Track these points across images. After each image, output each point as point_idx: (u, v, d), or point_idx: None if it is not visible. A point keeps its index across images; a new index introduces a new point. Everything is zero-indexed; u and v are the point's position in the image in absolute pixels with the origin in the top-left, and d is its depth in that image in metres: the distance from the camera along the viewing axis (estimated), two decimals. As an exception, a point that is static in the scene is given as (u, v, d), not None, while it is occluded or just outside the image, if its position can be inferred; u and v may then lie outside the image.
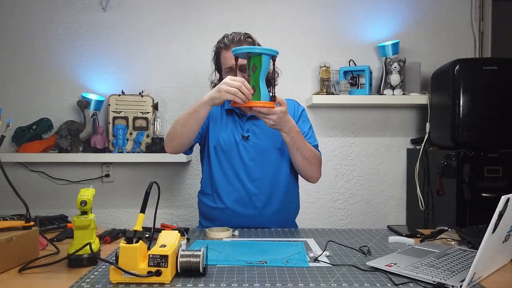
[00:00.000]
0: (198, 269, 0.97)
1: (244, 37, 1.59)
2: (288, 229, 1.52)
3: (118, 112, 2.32)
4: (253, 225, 1.56)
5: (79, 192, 1.06)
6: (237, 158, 1.59)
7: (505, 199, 0.88)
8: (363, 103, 2.36)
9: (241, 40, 1.58)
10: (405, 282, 0.96)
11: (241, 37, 1.58)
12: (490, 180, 1.90)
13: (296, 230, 1.52)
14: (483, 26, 2.49)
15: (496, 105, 1.98)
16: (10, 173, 1.12)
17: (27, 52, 2.43)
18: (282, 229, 1.53)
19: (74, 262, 1.05)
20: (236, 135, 1.61)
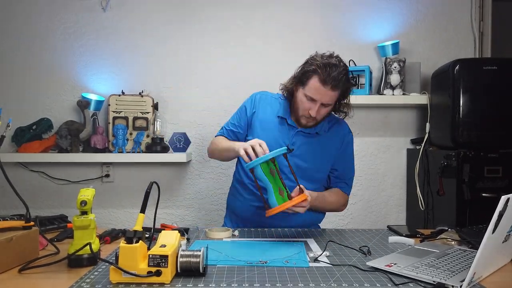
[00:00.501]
0: (198, 269, 0.98)
1: (344, 79, 1.47)
2: (288, 229, 1.52)
3: (118, 112, 2.32)
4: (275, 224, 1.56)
5: (79, 192, 1.07)
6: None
7: (505, 199, 0.88)
8: (363, 103, 2.36)
9: (340, 83, 1.45)
10: (405, 282, 0.96)
11: (342, 79, 1.46)
12: (490, 180, 1.90)
13: (296, 230, 1.52)
14: (483, 26, 2.49)
15: (496, 105, 1.98)
16: (10, 173, 1.12)
17: (27, 52, 2.43)
18: (282, 229, 1.53)
19: (74, 262, 1.05)
20: (282, 144, 1.56)
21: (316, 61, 1.47)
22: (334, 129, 1.65)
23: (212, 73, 2.46)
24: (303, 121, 1.56)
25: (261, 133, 1.59)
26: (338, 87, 1.46)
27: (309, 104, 1.50)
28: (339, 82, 1.45)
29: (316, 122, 1.57)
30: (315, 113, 1.49)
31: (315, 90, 1.46)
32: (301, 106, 1.53)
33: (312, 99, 1.48)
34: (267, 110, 1.64)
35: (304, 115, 1.54)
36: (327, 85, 1.44)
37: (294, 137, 1.59)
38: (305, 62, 1.54)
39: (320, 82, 1.45)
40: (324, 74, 1.43)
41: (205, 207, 2.49)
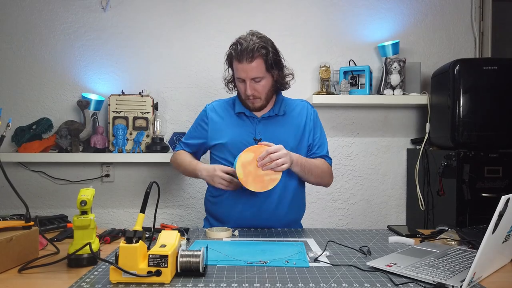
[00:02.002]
0: (198, 269, 0.97)
1: (257, 47, 1.48)
2: (288, 229, 1.52)
3: (118, 112, 2.32)
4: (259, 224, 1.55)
5: (79, 192, 1.07)
6: None
7: (505, 199, 0.88)
8: (363, 103, 2.36)
9: (254, 51, 1.48)
10: (405, 282, 0.96)
11: (254, 48, 1.48)
12: (490, 180, 1.90)
13: (296, 230, 1.52)
14: (483, 26, 2.49)
15: (496, 105, 1.98)
16: (10, 173, 1.12)
17: (27, 52, 2.43)
18: (282, 229, 1.53)
19: (74, 262, 1.05)
20: (247, 137, 1.58)
21: (231, 44, 1.56)
22: (295, 108, 1.68)
23: (212, 73, 2.46)
24: (249, 104, 1.59)
25: (225, 135, 1.61)
26: (254, 57, 1.49)
27: (242, 85, 1.55)
28: (253, 52, 1.48)
29: (262, 101, 1.58)
30: (250, 91, 1.53)
31: (238, 70, 1.53)
32: (240, 91, 1.60)
33: (242, 80, 1.54)
34: (221, 113, 1.66)
35: (246, 98, 1.57)
36: (243, 59, 1.49)
37: (258, 126, 1.60)
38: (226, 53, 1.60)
39: (237, 61, 1.51)
40: (237, 51, 1.50)
41: (205, 207, 2.49)
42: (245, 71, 1.51)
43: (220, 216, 1.63)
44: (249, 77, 1.52)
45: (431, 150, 2.23)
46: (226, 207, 1.60)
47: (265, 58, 1.52)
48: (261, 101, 1.58)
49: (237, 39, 1.54)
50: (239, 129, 1.61)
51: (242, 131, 1.61)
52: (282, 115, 1.63)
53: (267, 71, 1.54)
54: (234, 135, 1.60)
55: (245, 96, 1.56)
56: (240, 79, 1.55)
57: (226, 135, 1.61)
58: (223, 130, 1.62)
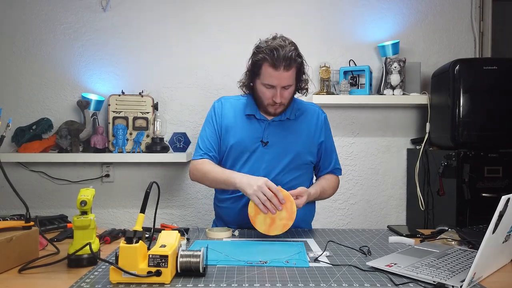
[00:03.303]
0: (198, 269, 0.97)
1: (294, 55, 1.46)
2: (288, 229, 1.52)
3: (118, 112, 2.31)
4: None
5: (79, 192, 1.06)
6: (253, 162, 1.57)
7: (505, 199, 0.88)
8: (363, 103, 2.36)
9: (291, 61, 1.45)
10: (405, 282, 0.96)
11: (292, 57, 1.45)
12: (490, 180, 1.90)
13: (296, 230, 1.52)
14: (483, 26, 2.49)
15: (496, 105, 1.98)
16: (10, 173, 1.12)
17: (27, 52, 2.43)
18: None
19: (74, 262, 1.05)
20: (255, 140, 1.57)
21: (262, 48, 1.47)
22: (305, 112, 1.66)
23: (212, 73, 2.46)
24: (271, 110, 1.57)
25: (233, 137, 1.59)
26: (291, 66, 1.46)
27: (270, 91, 1.51)
28: (290, 61, 1.45)
29: (284, 107, 1.58)
30: (279, 98, 1.50)
31: (270, 77, 1.47)
32: (264, 96, 1.53)
33: (271, 86, 1.49)
34: (231, 113, 1.63)
35: (269, 104, 1.54)
36: (279, 67, 1.44)
37: (266, 129, 1.59)
38: (253, 53, 1.53)
39: (272, 67, 1.45)
40: (273, 58, 1.43)
41: (205, 207, 2.49)
42: (279, 78, 1.46)
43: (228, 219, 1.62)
44: (281, 85, 1.48)
45: (431, 150, 2.23)
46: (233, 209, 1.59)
47: (299, 66, 1.51)
48: (284, 107, 1.57)
49: (270, 45, 1.46)
50: (247, 131, 1.59)
51: (249, 133, 1.59)
52: (293, 119, 1.62)
53: (296, 79, 1.54)
54: (241, 137, 1.58)
55: (272, 102, 1.52)
56: (269, 85, 1.49)
57: (234, 137, 1.58)
58: (232, 129, 1.60)
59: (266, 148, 1.57)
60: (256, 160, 1.57)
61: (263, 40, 1.53)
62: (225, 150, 1.60)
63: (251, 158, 1.57)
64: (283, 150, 1.58)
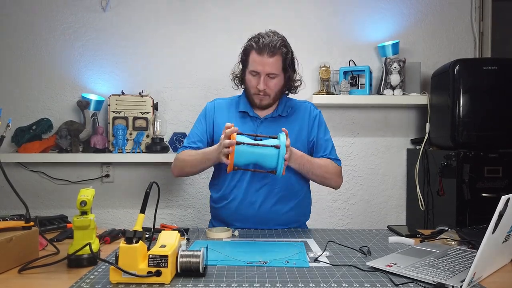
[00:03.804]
0: (198, 269, 0.97)
1: (279, 44, 1.50)
2: (288, 229, 1.52)
3: (118, 112, 2.31)
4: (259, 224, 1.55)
5: (79, 192, 1.06)
6: None
7: (505, 199, 0.88)
8: (363, 103, 2.36)
9: (276, 47, 1.49)
10: (405, 282, 0.96)
11: (277, 45, 1.49)
12: (490, 180, 1.90)
13: (296, 230, 1.52)
14: (483, 26, 2.49)
15: (496, 105, 1.98)
16: (10, 173, 1.12)
17: (27, 52, 2.43)
18: (282, 229, 1.53)
19: (74, 262, 1.05)
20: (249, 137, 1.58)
21: (251, 37, 1.56)
22: (298, 109, 1.67)
23: (213, 73, 2.46)
24: (257, 101, 1.58)
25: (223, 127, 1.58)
26: (275, 53, 1.50)
27: (255, 79, 1.54)
28: (275, 48, 1.49)
29: (270, 99, 1.58)
30: (263, 85, 1.52)
31: (255, 62, 1.52)
32: (250, 85, 1.56)
33: (256, 72, 1.53)
34: (224, 111, 1.65)
35: (254, 93, 1.56)
36: (264, 53, 1.49)
37: (259, 127, 1.60)
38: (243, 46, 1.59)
39: (257, 53, 1.50)
40: (258, 44, 1.50)
41: (205, 207, 2.48)
42: (263, 64, 1.50)
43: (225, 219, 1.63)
44: (265, 72, 1.51)
45: (431, 150, 2.23)
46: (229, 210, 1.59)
47: (284, 57, 1.53)
48: (269, 99, 1.58)
49: (259, 34, 1.55)
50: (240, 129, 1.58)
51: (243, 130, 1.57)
52: (285, 116, 1.63)
53: (282, 70, 1.55)
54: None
55: (256, 90, 1.55)
56: (255, 72, 1.54)
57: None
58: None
59: None
60: None
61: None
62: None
63: None
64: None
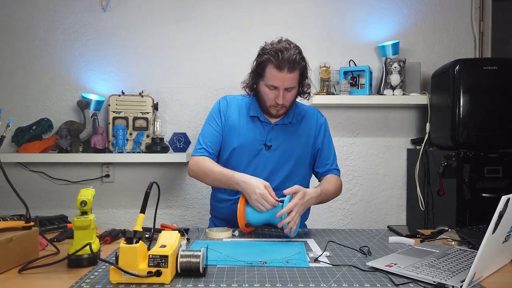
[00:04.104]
0: (198, 269, 0.97)
1: (298, 59, 1.48)
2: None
3: (118, 112, 2.31)
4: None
5: (79, 192, 1.06)
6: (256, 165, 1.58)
7: (505, 200, 0.88)
8: (363, 103, 2.36)
9: (296, 64, 1.47)
10: (405, 283, 0.96)
11: (296, 60, 1.47)
12: (490, 180, 1.90)
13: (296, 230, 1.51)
14: (483, 26, 2.49)
15: (496, 105, 1.98)
16: (10, 173, 1.12)
17: (27, 52, 2.43)
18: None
19: (74, 262, 1.05)
20: (259, 143, 1.59)
21: (267, 50, 1.50)
22: (306, 116, 1.68)
23: (212, 73, 2.46)
24: (273, 112, 1.58)
25: (237, 139, 1.59)
26: (295, 68, 1.48)
27: (273, 93, 1.52)
28: (294, 63, 1.47)
29: (286, 109, 1.58)
30: (282, 100, 1.51)
31: (274, 78, 1.48)
32: (266, 97, 1.55)
33: (274, 87, 1.51)
34: (236, 113, 1.63)
35: (272, 105, 1.55)
36: (284, 69, 1.46)
37: (270, 133, 1.60)
38: (258, 54, 1.55)
39: (276, 69, 1.47)
40: (278, 59, 1.45)
41: (205, 207, 2.48)
42: (282, 80, 1.48)
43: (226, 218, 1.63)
44: (284, 86, 1.50)
45: (431, 150, 2.23)
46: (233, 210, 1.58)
47: (302, 69, 1.53)
48: (286, 109, 1.58)
49: (275, 47, 1.49)
50: (251, 133, 1.60)
51: (254, 135, 1.59)
52: (295, 124, 1.64)
53: (299, 82, 1.55)
54: (245, 139, 1.58)
55: (274, 104, 1.53)
56: (272, 87, 1.51)
57: (238, 138, 1.59)
58: (236, 130, 1.60)
59: (270, 152, 1.58)
60: (259, 163, 1.58)
61: (268, 42, 1.55)
62: (228, 150, 1.60)
63: (254, 161, 1.58)
64: (286, 155, 1.59)
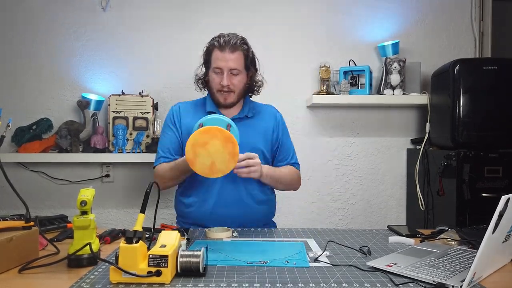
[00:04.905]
0: (198, 269, 0.97)
1: (240, 42, 1.58)
2: (288, 229, 1.52)
3: (118, 112, 2.31)
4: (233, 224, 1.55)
5: (79, 192, 1.06)
6: None
7: (505, 199, 0.88)
8: (363, 103, 2.36)
9: (237, 44, 1.57)
10: (405, 282, 0.96)
11: (237, 42, 1.57)
12: (490, 180, 1.90)
13: (296, 230, 1.51)
14: (483, 26, 2.49)
15: (496, 105, 1.98)
16: (10, 173, 1.12)
17: (27, 52, 2.43)
18: (282, 229, 1.53)
19: (74, 262, 1.05)
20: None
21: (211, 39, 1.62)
22: (263, 111, 1.72)
23: (212, 73, 2.46)
24: (221, 99, 1.61)
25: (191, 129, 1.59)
26: (236, 49, 1.56)
27: (218, 77, 1.58)
28: (236, 44, 1.55)
29: (235, 96, 1.61)
30: (226, 81, 1.56)
31: (217, 59, 1.57)
32: (213, 84, 1.60)
33: (219, 69, 1.57)
34: (190, 114, 1.66)
35: (218, 90, 1.59)
36: (225, 49, 1.55)
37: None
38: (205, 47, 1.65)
39: (219, 50, 1.56)
40: (220, 42, 1.56)
41: (205, 207, 2.49)
42: (225, 60, 1.55)
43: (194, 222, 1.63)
44: (227, 67, 1.56)
45: (431, 150, 2.23)
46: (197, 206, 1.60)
47: (245, 54, 1.59)
48: (234, 96, 1.61)
49: (219, 33, 1.60)
50: None
51: None
52: (251, 117, 1.67)
53: (244, 68, 1.60)
54: None
55: (219, 87, 1.58)
56: (218, 69, 1.58)
57: None
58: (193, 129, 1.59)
59: None
60: None
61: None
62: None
63: None
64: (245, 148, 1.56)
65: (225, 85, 1.57)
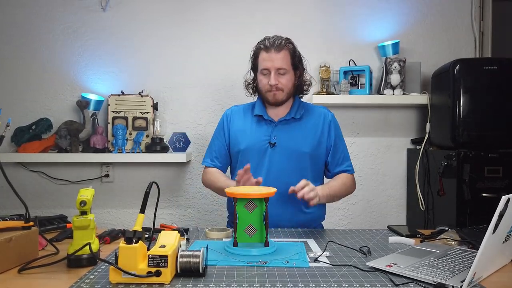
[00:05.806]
0: (198, 269, 0.97)
1: (285, 42, 1.59)
2: (288, 229, 1.52)
3: (118, 112, 2.31)
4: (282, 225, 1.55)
5: (79, 192, 1.06)
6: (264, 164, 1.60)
7: (505, 199, 0.88)
8: (363, 103, 2.36)
9: (282, 43, 1.58)
10: (406, 283, 0.96)
11: (282, 42, 1.58)
12: (490, 180, 1.90)
13: (296, 230, 1.51)
14: (483, 26, 2.49)
15: (496, 105, 1.98)
16: (10, 173, 1.12)
17: (27, 52, 2.43)
18: (282, 229, 1.53)
19: (73, 262, 1.04)
20: (264, 142, 1.61)
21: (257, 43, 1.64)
22: (310, 111, 1.71)
23: (212, 73, 2.46)
24: (270, 98, 1.62)
25: (242, 140, 1.64)
26: (282, 47, 1.57)
27: (266, 77, 1.60)
28: (281, 44, 1.57)
29: (284, 94, 1.61)
30: (274, 80, 1.57)
31: (264, 60, 1.59)
32: (262, 85, 1.62)
33: (266, 70, 1.58)
34: (240, 118, 1.70)
35: (267, 91, 1.61)
36: (271, 49, 1.57)
37: (274, 130, 1.62)
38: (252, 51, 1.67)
39: (265, 51, 1.58)
40: (265, 44, 1.59)
41: (205, 207, 2.49)
42: (271, 60, 1.56)
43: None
44: (274, 67, 1.57)
45: (431, 150, 2.23)
46: None
47: (291, 52, 1.60)
48: (283, 94, 1.61)
49: (264, 37, 1.62)
50: (256, 134, 1.64)
51: (258, 135, 1.63)
52: (299, 119, 1.65)
53: (292, 67, 1.61)
54: (251, 140, 1.63)
55: (268, 87, 1.59)
56: (266, 71, 1.59)
57: (244, 140, 1.64)
58: (242, 133, 1.66)
59: (274, 149, 1.60)
60: (266, 162, 1.60)
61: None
62: (237, 154, 1.65)
63: (262, 160, 1.61)
64: (290, 151, 1.60)
65: (273, 85, 1.57)
